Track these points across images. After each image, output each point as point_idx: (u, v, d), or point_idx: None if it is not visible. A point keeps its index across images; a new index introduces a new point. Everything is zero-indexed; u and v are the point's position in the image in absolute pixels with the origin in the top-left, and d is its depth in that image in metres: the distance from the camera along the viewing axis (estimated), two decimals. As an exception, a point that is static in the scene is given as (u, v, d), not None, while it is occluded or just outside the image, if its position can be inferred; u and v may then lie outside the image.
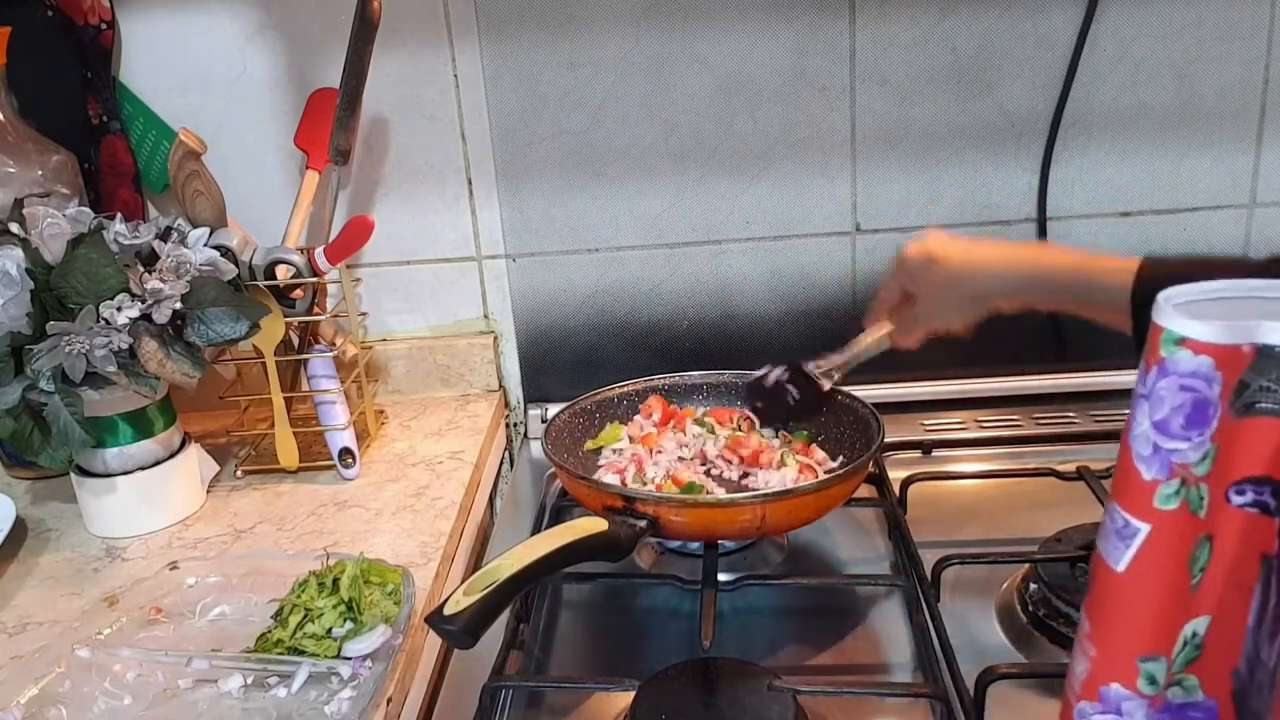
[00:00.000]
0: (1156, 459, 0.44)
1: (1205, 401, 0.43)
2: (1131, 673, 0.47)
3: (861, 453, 0.97)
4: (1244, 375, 0.42)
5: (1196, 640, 0.45)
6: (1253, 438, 0.42)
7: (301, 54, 1.17)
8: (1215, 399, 0.43)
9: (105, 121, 1.16)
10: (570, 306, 1.25)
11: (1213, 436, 0.43)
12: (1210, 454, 0.43)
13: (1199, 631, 0.45)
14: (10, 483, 1.12)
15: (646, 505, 0.85)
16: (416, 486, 1.05)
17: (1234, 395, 0.42)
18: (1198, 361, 0.43)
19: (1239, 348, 0.42)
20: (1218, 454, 0.43)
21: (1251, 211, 1.19)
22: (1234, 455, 0.43)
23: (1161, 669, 0.46)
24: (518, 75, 1.17)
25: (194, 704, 0.73)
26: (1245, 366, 0.42)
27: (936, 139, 1.18)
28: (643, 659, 0.83)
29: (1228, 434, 0.43)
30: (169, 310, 0.91)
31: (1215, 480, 0.44)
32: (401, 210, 1.22)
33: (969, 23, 1.14)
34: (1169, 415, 0.43)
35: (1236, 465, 0.43)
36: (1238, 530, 0.43)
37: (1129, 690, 0.47)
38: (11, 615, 0.87)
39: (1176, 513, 0.44)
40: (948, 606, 0.83)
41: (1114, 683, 0.47)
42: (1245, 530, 0.43)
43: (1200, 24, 1.13)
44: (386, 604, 0.79)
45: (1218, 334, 0.42)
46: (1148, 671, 0.46)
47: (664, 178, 1.20)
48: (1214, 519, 0.44)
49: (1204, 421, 0.43)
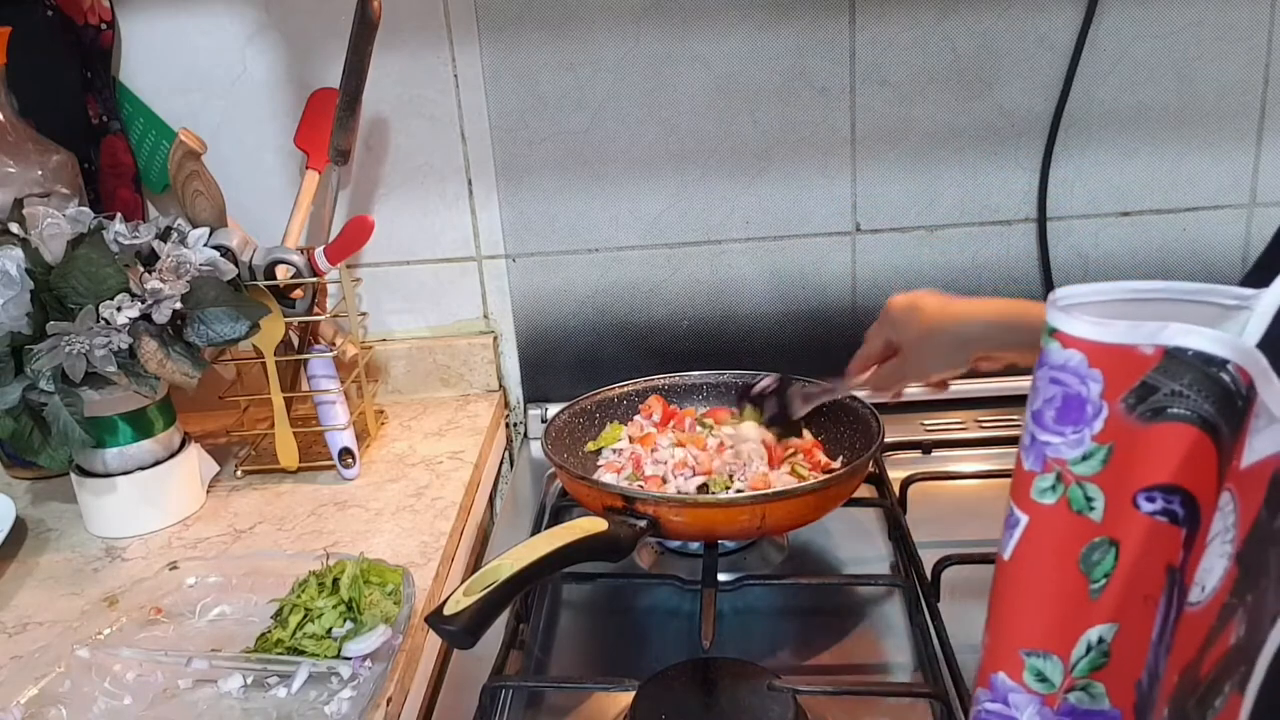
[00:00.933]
0: (1034, 450, 0.44)
1: (1079, 398, 0.42)
2: (1016, 665, 0.46)
3: (861, 453, 0.97)
4: (1148, 378, 0.40)
5: (1104, 647, 0.44)
6: (1163, 444, 0.41)
7: (301, 54, 1.17)
8: (1093, 397, 0.41)
9: (105, 121, 1.16)
10: (570, 306, 1.25)
11: (1096, 437, 0.42)
12: (1097, 455, 0.42)
13: (1106, 638, 0.44)
14: (10, 483, 1.12)
15: (646, 505, 0.85)
16: (416, 486, 1.05)
17: (1134, 398, 0.41)
18: (1066, 355, 0.42)
19: (1126, 348, 0.41)
20: (1112, 457, 0.42)
21: (1251, 211, 1.19)
22: (1141, 460, 0.41)
23: (1055, 669, 0.45)
24: (518, 75, 1.17)
25: (194, 704, 0.73)
26: (1148, 368, 0.40)
27: (936, 139, 1.18)
28: (643, 659, 0.83)
29: (1131, 438, 0.41)
30: (169, 310, 0.91)
31: (1114, 484, 0.42)
32: (401, 210, 1.22)
33: (969, 23, 1.14)
34: (1042, 407, 0.43)
35: (1145, 471, 0.41)
36: (1144, 538, 0.42)
37: (1015, 683, 0.46)
38: (11, 615, 0.87)
39: (1055, 508, 0.43)
40: (948, 606, 0.83)
41: (1000, 671, 0.47)
42: (1152, 538, 0.42)
43: (1200, 24, 1.13)
44: (386, 604, 0.79)
45: (1088, 330, 0.41)
46: (1034, 667, 0.45)
47: (664, 178, 1.20)
48: (1118, 524, 0.42)
49: (1079, 419, 0.42)
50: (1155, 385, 0.40)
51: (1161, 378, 0.40)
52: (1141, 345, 0.40)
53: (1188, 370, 0.40)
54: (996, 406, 1.22)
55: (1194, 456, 0.41)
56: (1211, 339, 0.40)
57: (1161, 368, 0.40)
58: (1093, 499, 0.42)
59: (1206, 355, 0.40)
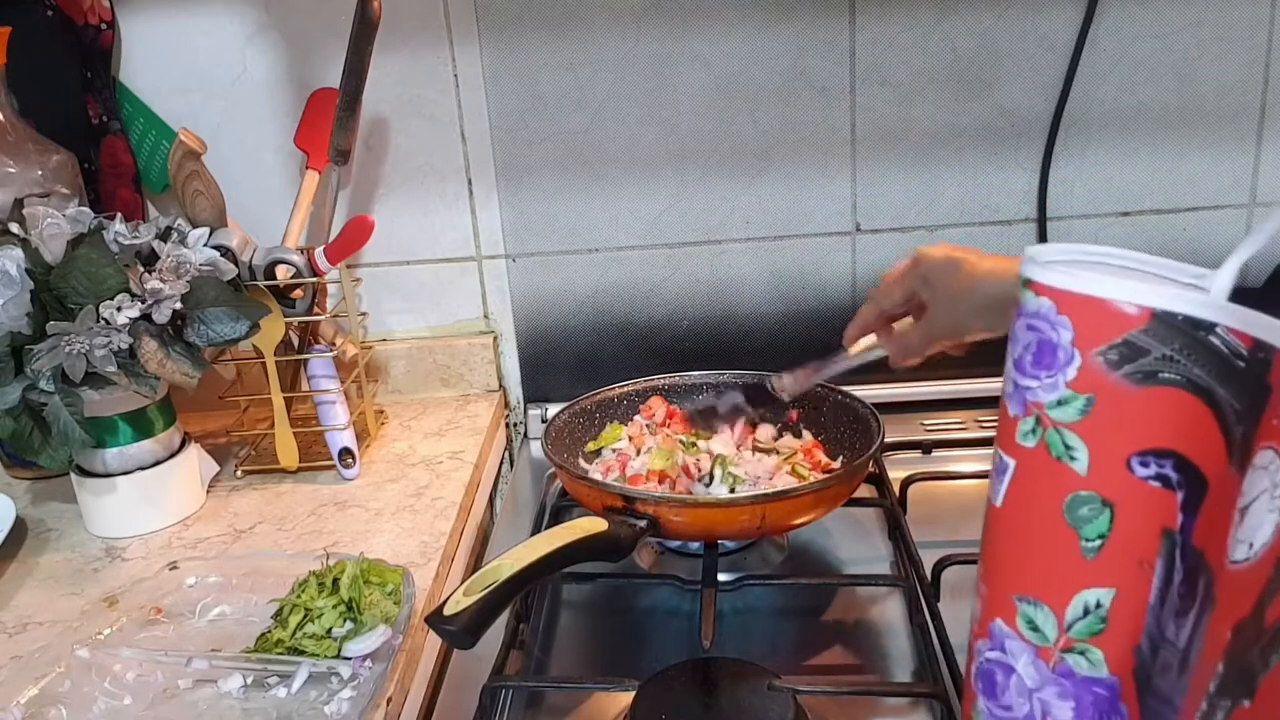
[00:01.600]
0: (1016, 395, 0.46)
1: (1050, 343, 0.44)
2: (1010, 610, 0.47)
3: (861, 453, 0.97)
4: (1133, 337, 0.42)
5: (1101, 612, 0.45)
6: (1155, 408, 0.42)
7: (301, 54, 1.17)
8: (1064, 343, 0.44)
9: (105, 121, 1.16)
10: (570, 306, 1.25)
11: (1070, 384, 0.44)
12: (1073, 404, 0.44)
13: (1104, 603, 0.45)
14: (10, 483, 1.12)
15: (646, 505, 0.85)
16: (416, 486, 1.05)
17: (1116, 355, 0.42)
18: (1038, 303, 0.44)
19: (1097, 300, 0.42)
20: (1093, 410, 0.43)
21: (1251, 211, 1.19)
22: (1133, 424, 0.43)
23: (1047, 620, 0.46)
24: (518, 75, 1.17)
25: (194, 704, 0.73)
26: (1132, 327, 0.42)
27: (936, 139, 1.18)
28: (643, 659, 0.83)
29: (1119, 398, 0.43)
30: (169, 310, 0.91)
31: (1100, 441, 0.44)
32: (401, 210, 1.22)
33: (969, 23, 1.14)
34: (1021, 353, 0.46)
35: (1137, 435, 0.43)
36: (1139, 502, 0.43)
37: (1009, 629, 0.48)
38: (11, 615, 0.87)
39: (1035, 450, 0.45)
40: (948, 606, 0.83)
41: (997, 618, 0.48)
42: (1146, 502, 0.43)
43: (1200, 24, 1.13)
44: (386, 604, 0.79)
45: (1056, 279, 0.44)
46: (1026, 614, 0.47)
47: (664, 178, 1.20)
48: (1111, 485, 0.44)
49: (1053, 363, 0.44)
50: (1145, 348, 0.42)
51: (1151, 340, 0.42)
52: (1119, 301, 0.42)
53: (1178, 335, 0.41)
54: (996, 406, 1.21)
55: (1187, 420, 0.42)
56: (1200, 304, 0.41)
57: (1150, 329, 0.42)
58: (1073, 448, 0.44)
59: (1195, 319, 0.41)
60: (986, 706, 0.50)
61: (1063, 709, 0.47)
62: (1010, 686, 0.48)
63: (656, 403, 1.08)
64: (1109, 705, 0.46)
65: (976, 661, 0.50)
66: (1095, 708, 0.46)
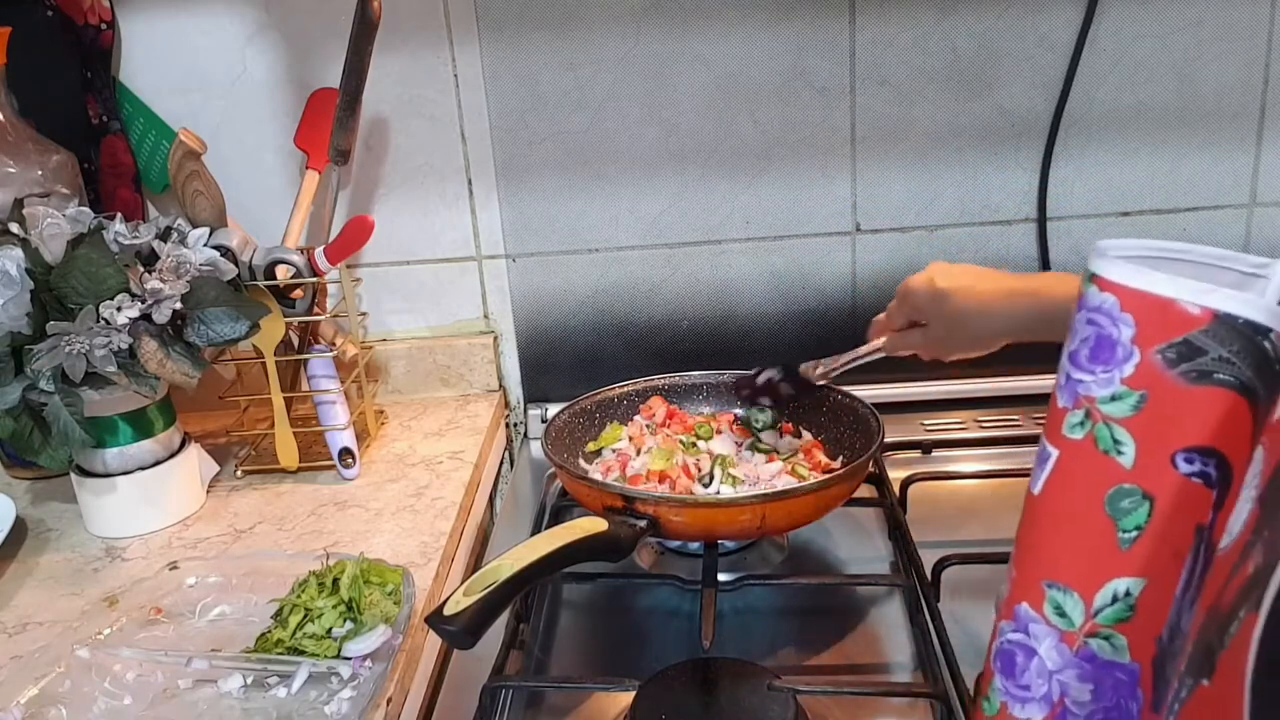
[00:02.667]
0: (1068, 388, 0.46)
1: (1110, 339, 0.44)
2: (1038, 596, 0.48)
3: (861, 453, 0.97)
4: (1194, 337, 0.42)
5: (1130, 600, 0.46)
6: (1206, 407, 0.43)
7: (301, 54, 1.17)
8: (1124, 340, 0.44)
9: (105, 121, 1.16)
10: (570, 306, 1.25)
11: (1126, 380, 0.44)
12: (1127, 400, 0.44)
13: (1133, 592, 0.46)
14: (10, 483, 1.12)
15: (646, 505, 0.85)
16: (416, 486, 1.05)
17: (1174, 354, 0.43)
18: (1101, 298, 0.44)
19: (1163, 299, 0.43)
20: (1145, 407, 0.44)
21: (1251, 211, 1.19)
22: (1182, 421, 0.43)
23: (1075, 606, 0.47)
24: (518, 75, 1.17)
25: (194, 704, 0.73)
26: (1193, 327, 0.42)
27: (936, 139, 1.18)
28: (643, 659, 0.83)
29: (1171, 395, 0.43)
30: (169, 310, 0.91)
31: (1148, 436, 0.44)
32: (401, 210, 1.22)
33: (969, 23, 1.14)
34: (1078, 347, 0.46)
35: (1186, 432, 0.43)
36: (1179, 498, 0.44)
37: (1036, 613, 0.48)
38: (11, 615, 0.87)
39: (1083, 444, 0.46)
40: (948, 606, 0.83)
41: (1024, 602, 0.49)
42: (1186, 498, 0.44)
43: (1200, 24, 1.13)
44: (386, 604, 0.79)
45: (1122, 275, 0.44)
46: (1054, 600, 0.47)
47: (664, 178, 1.20)
48: (1153, 479, 0.44)
49: (1110, 359, 0.44)
50: (1203, 348, 0.42)
51: (1210, 341, 0.42)
52: (1183, 301, 0.42)
53: (1237, 337, 0.42)
54: (996, 406, 1.22)
55: (1232, 420, 0.42)
56: (1262, 309, 0.42)
57: (1210, 330, 0.42)
58: (1121, 442, 0.45)
59: (1255, 324, 0.42)
60: (1003, 685, 0.51)
61: (1082, 691, 0.48)
62: (1030, 668, 0.49)
63: (657, 403, 1.08)
64: (1128, 690, 0.47)
65: (998, 641, 0.51)
66: (1115, 691, 0.47)
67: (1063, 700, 0.48)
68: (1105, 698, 0.47)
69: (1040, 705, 0.49)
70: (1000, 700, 0.51)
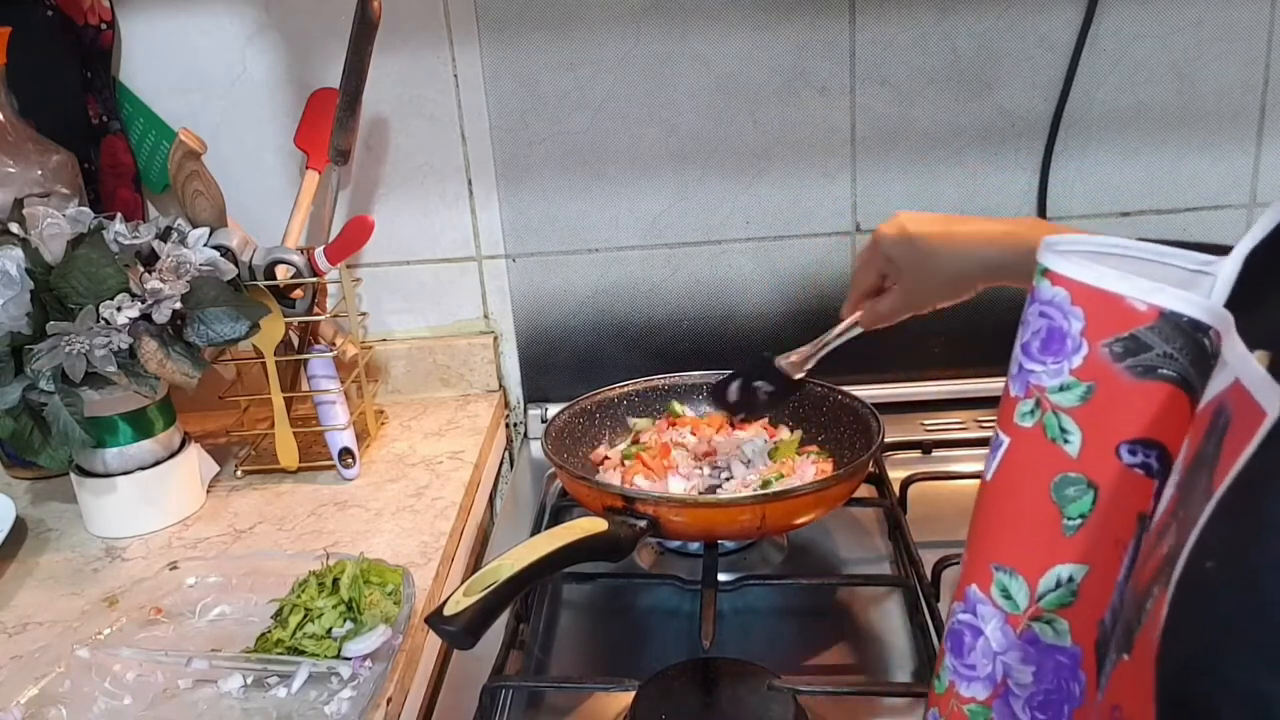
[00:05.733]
0: (1020, 378, 0.48)
1: (1060, 331, 0.46)
2: (986, 577, 0.50)
3: (861, 453, 0.97)
4: (1140, 333, 0.44)
5: (1073, 586, 0.47)
6: (1150, 401, 0.44)
7: (301, 54, 1.17)
8: (1074, 333, 0.45)
9: (105, 121, 1.16)
10: (570, 306, 1.25)
11: (1075, 371, 0.45)
12: (1074, 390, 0.45)
13: (1076, 578, 0.47)
14: (10, 483, 1.12)
15: (646, 505, 0.85)
16: (416, 486, 1.05)
17: (1121, 348, 0.44)
18: (1054, 291, 0.46)
19: (1113, 295, 0.44)
20: (1092, 398, 0.45)
21: (1251, 211, 1.19)
22: (1127, 413, 0.45)
23: (1020, 589, 0.48)
24: (518, 75, 1.17)
25: (194, 704, 0.73)
26: (1140, 323, 0.44)
27: (936, 139, 1.18)
28: (643, 659, 0.83)
29: (1117, 388, 0.45)
30: (169, 310, 0.91)
31: (1094, 426, 0.45)
32: (401, 210, 1.22)
33: (969, 23, 1.14)
34: (1030, 338, 0.47)
35: (1131, 424, 0.45)
36: (1122, 487, 0.45)
37: (983, 595, 0.50)
38: (11, 615, 0.87)
39: (1032, 431, 0.47)
40: (948, 606, 0.83)
41: (974, 584, 0.50)
42: (1129, 488, 0.45)
43: (1200, 24, 1.13)
44: (386, 604, 0.79)
45: (1074, 271, 0.45)
46: (1001, 582, 0.49)
47: (664, 178, 1.20)
48: (1098, 469, 0.46)
49: (1060, 351, 0.46)
50: (1149, 343, 0.44)
51: (1155, 337, 0.44)
52: (1131, 298, 0.44)
53: (1181, 334, 0.44)
54: (996, 406, 1.21)
55: (1173, 413, 0.44)
56: (1204, 308, 0.43)
57: (1156, 328, 0.44)
58: (1068, 431, 0.46)
59: (1197, 322, 0.43)
60: (952, 664, 0.52)
61: (1024, 673, 0.49)
62: (977, 647, 0.51)
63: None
64: (1069, 672, 0.48)
65: (950, 622, 0.53)
66: (1056, 673, 0.49)
67: (1005, 681, 0.50)
68: (1046, 680, 0.49)
69: (984, 685, 0.51)
70: (949, 679, 0.52)
